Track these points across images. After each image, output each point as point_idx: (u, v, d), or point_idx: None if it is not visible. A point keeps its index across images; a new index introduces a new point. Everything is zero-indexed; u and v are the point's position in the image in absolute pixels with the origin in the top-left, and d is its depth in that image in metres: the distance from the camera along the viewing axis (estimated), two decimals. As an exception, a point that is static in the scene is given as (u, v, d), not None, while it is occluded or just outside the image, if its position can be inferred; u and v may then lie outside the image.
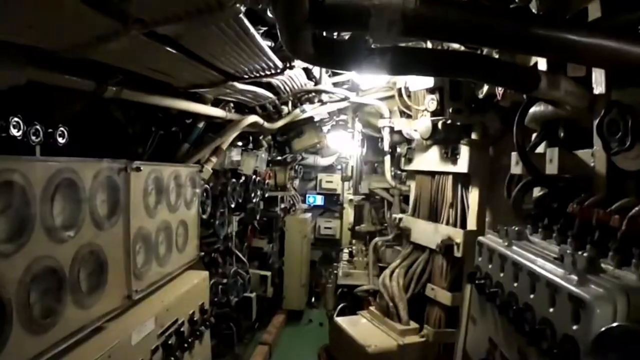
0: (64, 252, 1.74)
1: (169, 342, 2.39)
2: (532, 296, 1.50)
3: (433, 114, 3.77)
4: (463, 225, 3.68)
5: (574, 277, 1.30)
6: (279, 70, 2.81)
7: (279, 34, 1.27)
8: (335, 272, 7.34)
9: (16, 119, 1.89)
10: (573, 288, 1.26)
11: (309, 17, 1.02)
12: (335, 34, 2.81)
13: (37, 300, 1.58)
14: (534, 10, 1.93)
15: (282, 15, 1.05)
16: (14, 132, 1.89)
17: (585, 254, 1.36)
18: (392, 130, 5.07)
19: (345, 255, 7.51)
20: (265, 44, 2.33)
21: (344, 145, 8.55)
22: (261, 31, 2.28)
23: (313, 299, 8.68)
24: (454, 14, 1.11)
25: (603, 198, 1.61)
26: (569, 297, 1.27)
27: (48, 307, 1.64)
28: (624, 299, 1.16)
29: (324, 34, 1.53)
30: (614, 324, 1.07)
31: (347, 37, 2.71)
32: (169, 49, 1.95)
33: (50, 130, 2.08)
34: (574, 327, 1.24)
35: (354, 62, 1.46)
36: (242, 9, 1.58)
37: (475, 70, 1.83)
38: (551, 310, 1.37)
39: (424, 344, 3.75)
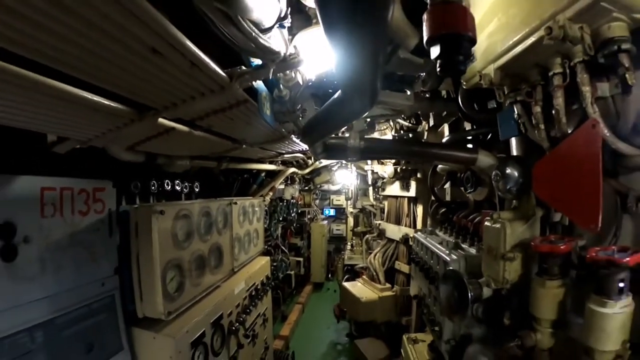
0: (205, 247, 2.20)
1: (252, 293, 2.80)
2: (431, 261, 1.98)
3: (394, 163, 4.05)
4: (414, 226, 3.90)
5: (447, 252, 1.80)
6: (306, 149, 3.30)
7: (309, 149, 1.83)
8: (343, 257, 7.42)
9: (177, 180, 2.50)
10: (445, 257, 1.76)
11: (323, 151, 1.58)
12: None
13: (194, 270, 2.05)
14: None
15: (313, 153, 1.61)
16: (177, 187, 2.49)
17: (454, 241, 1.87)
18: (372, 172, 5.28)
19: (348, 247, 7.68)
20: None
21: (345, 178, 8.45)
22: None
23: (329, 275, 8.66)
24: (381, 145, 1.64)
25: (468, 213, 2.08)
26: (444, 261, 1.76)
27: (198, 274, 2.10)
28: (464, 261, 1.63)
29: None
30: (448, 269, 1.53)
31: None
32: (257, 148, 2.45)
33: (190, 184, 2.67)
34: (445, 274, 1.73)
35: (344, 158, 1.96)
36: (294, 137, 2.13)
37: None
38: (438, 267, 1.84)
39: (394, 296, 3.97)
